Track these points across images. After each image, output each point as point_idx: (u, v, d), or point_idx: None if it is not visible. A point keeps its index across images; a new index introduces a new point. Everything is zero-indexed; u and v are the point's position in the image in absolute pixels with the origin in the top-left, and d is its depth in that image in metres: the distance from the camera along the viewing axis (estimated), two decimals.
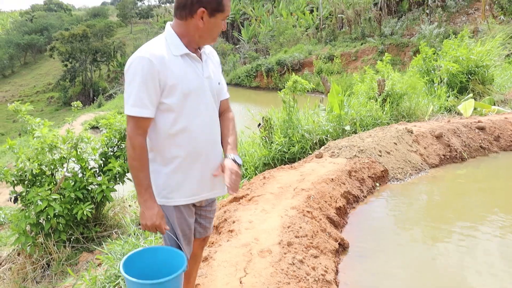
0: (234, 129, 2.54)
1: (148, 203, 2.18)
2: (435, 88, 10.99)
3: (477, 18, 23.48)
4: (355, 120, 8.08)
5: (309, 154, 6.97)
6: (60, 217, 5.25)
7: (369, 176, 5.78)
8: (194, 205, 2.41)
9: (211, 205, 2.57)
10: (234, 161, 2.32)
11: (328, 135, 7.60)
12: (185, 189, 2.30)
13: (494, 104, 10.71)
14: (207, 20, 2.16)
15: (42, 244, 5.38)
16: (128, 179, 6.10)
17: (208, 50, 2.44)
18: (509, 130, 8.07)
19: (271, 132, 7.35)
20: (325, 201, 4.65)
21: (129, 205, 7.13)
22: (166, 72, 2.13)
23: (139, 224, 5.94)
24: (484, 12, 22.75)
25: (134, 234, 4.89)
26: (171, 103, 2.17)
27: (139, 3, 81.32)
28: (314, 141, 7.33)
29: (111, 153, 5.99)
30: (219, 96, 2.45)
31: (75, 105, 6.62)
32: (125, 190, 7.24)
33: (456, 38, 12.40)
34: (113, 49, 55.67)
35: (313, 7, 37.11)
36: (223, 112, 2.52)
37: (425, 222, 5.01)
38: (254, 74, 30.01)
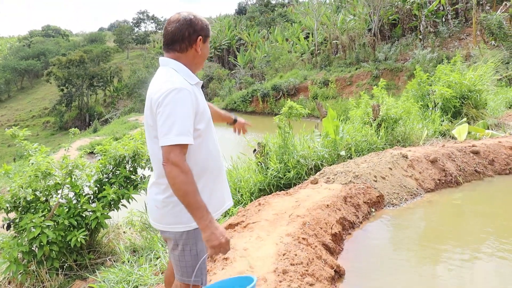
0: None
1: (213, 223, 2.19)
2: (430, 113, 11.08)
3: (469, 43, 23.83)
4: (350, 145, 8.10)
5: (305, 179, 6.96)
6: (54, 244, 5.19)
7: (364, 202, 5.76)
8: None
9: None
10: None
11: (324, 161, 7.60)
12: (216, 203, 2.47)
13: (488, 128, 10.79)
14: (202, 47, 2.38)
15: (34, 272, 5.30)
16: (123, 205, 6.06)
17: None
18: (503, 154, 8.10)
19: (267, 158, 7.35)
20: (321, 228, 4.62)
21: (124, 232, 7.07)
22: (196, 100, 2.29)
23: (134, 251, 5.90)
24: (475, 38, 23.10)
25: (128, 262, 4.85)
26: (201, 128, 2.33)
27: (136, 29, 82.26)
28: (310, 167, 7.33)
29: (106, 180, 5.96)
30: None
31: (72, 132, 6.61)
32: (119, 216, 7.19)
33: (449, 63, 12.58)
34: (109, 74, 56.04)
35: (308, 33, 37.59)
36: None
37: (421, 247, 4.97)
38: (250, 99, 30.19)
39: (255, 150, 7.66)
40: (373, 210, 5.83)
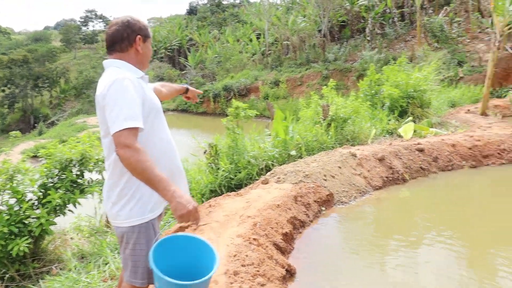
0: None
1: (178, 193, 2.16)
2: (378, 112, 11.38)
3: (414, 45, 24.66)
4: (300, 145, 8.17)
5: (256, 180, 6.96)
6: None
7: (314, 201, 5.83)
8: None
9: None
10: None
11: (274, 161, 7.63)
12: (157, 202, 2.43)
13: (432, 127, 11.20)
14: (143, 46, 2.45)
15: None
16: (69, 210, 5.85)
17: None
18: (446, 151, 8.42)
19: (217, 159, 7.29)
20: (272, 228, 4.62)
21: (71, 238, 6.83)
22: (142, 89, 2.34)
23: (82, 257, 5.71)
24: (419, 40, 23.94)
25: (75, 269, 4.69)
26: (149, 120, 2.36)
27: (84, 28, 79.92)
28: (261, 167, 7.33)
29: (51, 184, 5.73)
30: None
31: (14, 135, 6.32)
32: (66, 222, 6.95)
33: (395, 63, 12.98)
34: (56, 75, 54.09)
35: (259, 34, 37.76)
36: None
37: (371, 244, 5.08)
38: (201, 100, 29.96)
39: (205, 151, 7.59)
40: (323, 208, 5.90)
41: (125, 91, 2.21)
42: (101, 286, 4.08)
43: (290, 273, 4.14)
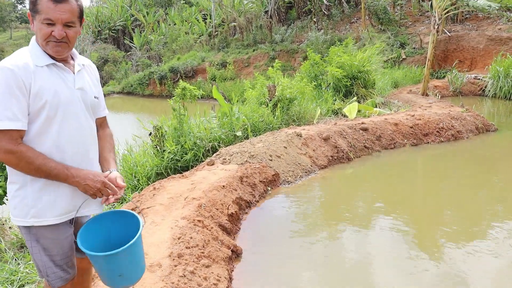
0: (112, 145, 2.49)
1: (80, 175, 2.07)
2: (323, 93, 11.53)
3: (359, 26, 25.05)
4: (246, 126, 8.16)
5: (202, 161, 6.90)
6: None
7: (260, 181, 5.84)
8: (71, 222, 2.26)
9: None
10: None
11: (221, 142, 7.59)
12: (58, 206, 2.14)
13: (376, 106, 11.48)
14: (34, 24, 2.08)
15: None
16: (7, 199, 5.57)
17: (87, 63, 2.36)
18: (389, 130, 8.66)
19: (163, 141, 7.16)
20: (217, 209, 4.60)
21: (10, 227, 6.54)
22: (30, 81, 1.99)
23: (22, 247, 5.47)
24: (364, 22, 24.33)
25: (13, 260, 4.49)
26: (36, 114, 2.04)
27: (20, 6, 75.88)
28: (207, 148, 7.27)
29: None
30: (95, 110, 2.34)
31: None
32: (4, 211, 6.64)
33: (341, 44, 13.15)
34: None
35: (205, 15, 37.23)
36: (99, 129, 2.43)
37: (317, 222, 5.15)
38: (147, 82, 29.30)
39: (150, 133, 7.44)
40: (269, 188, 5.93)
41: (3, 85, 1.94)
42: None
43: (236, 254, 4.13)
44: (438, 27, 13.25)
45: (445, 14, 13.38)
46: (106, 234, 2.30)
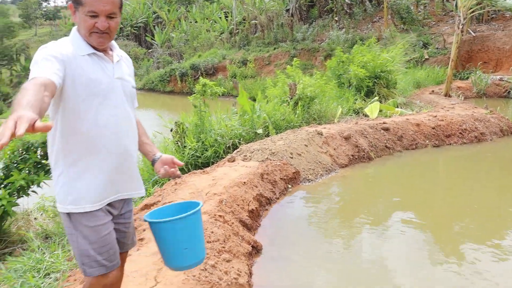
0: (146, 132, 2.54)
1: (17, 110, 1.50)
2: (344, 91, 11.49)
3: (381, 26, 24.84)
4: (267, 124, 8.18)
5: (223, 158, 6.95)
6: None
7: (281, 178, 5.86)
8: (110, 213, 2.25)
9: (124, 217, 2.38)
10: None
11: (241, 139, 7.62)
12: (93, 193, 2.14)
13: (397, 107, 11.39)
14: (76, 15, 2.09)
15: None
16: (33, 191, 5.71)
17: (124, 55, 2.38)
18: (410, 130, 8.60)
19: (184, 137, 7.23)
20: (238, 205, 4.63)
21: (35, 218, 6.69)
22: (72, 65, 2.01)
23: (46, 238, 5.60)
24: (386, 21, 24.13)
25: (39, 249, 4.60)
26: (77, 99, 2.05)
27: (45, 4, 77.06)
28: (227, 145, 7.31)
29: (14, 165, 5.58)
30: (133, 99, 2.37)
31: None
32: (29, 202, 6.80)
33: (363, 44, 13.07)
34: (15, 52, 52.11)
35: (227, 12, 37.32)
36: None
37: (336, 221, 5.15)
38: (168, 79, 29.51)
39: (172, 129, 7.52)
40: (289, 186, 5.94)
41: (42, 56, 1.93)
42: (66, 265, 4.01)
43: (256, 249, 4.16)
44: (462, 27, 13.08)
45: (470, 13, 13.19)
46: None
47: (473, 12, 13.36)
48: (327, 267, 4.08)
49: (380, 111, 10.43)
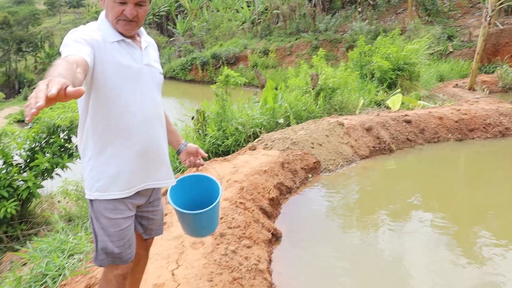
0: (169, 118, 2.51)
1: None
2: (366, 83, 11.41)
3: (405, 17, 24.51)
4: (288, 113, 8.18)
5: (243, 146, 6.99)
6: None
7: (301, 168, 5.87)
8: (134, 206, 2.21)
9: (153, 205, 2.36)
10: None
11: (262, 128, 7.65)
12: (120, 180, 2.10)
13: (420, 99, 11.27)
14: (105, 1, 2.07)
15: None
16: (57, 174, 5.84)
17: (151, 41, 2.34)
18: (432, 124, 8.50)
19: (205, 125, 7.29)
20: (258, 193, 4.67)
21: (58, 201, 6.85)
22: (101, 50, 1.98)
23: (69, 220, 5.73)
24: (411, 13, 23.79)
25: (63, 231, 4.70)
26: (106, 83, 2.02)
27: None
28: (248, 134, 7.35)
29: (39, 148, 5.71)
30: (161, 86, 2.32)
31: None
32: (53, 185, 6.94)
33: (386, 35, 12.93)
34: (40, 39, 52.81)
35: (249, 2, 37.22)
36: None
37: (356, 211, 5.15)
38: (189, 67, 29.66)
39: (193, 117, 7.58)
40: (310, 175, 5.95)
41: (71, 38, 1.89)
42: (89, 247, 4.10)
43: (276, 237, 4.20)
44: (490, 19, 12.82)
45: (498, 5, 12.92)
46: (187, 196, 2.50)
47: (501, 3, 13.08)
48: (344, 258, 4.10)
49: (402, 103, 10.34)
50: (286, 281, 3.62)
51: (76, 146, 5.85)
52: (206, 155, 2.35)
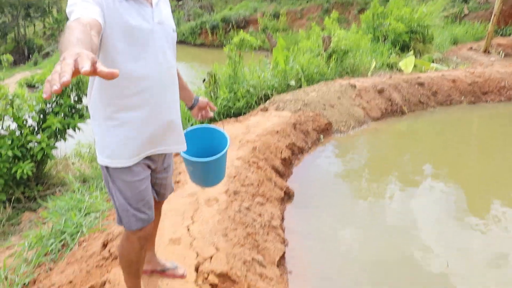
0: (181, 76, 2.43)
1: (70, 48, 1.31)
2: (379, 46, 11.25)
3: None
4: (300, 76, 8.13)
5: (254, 109, 6.99)
6: None
7: (313, 129, 5.89)
8: (149, 167, 2.16)
9: (167, 171, 2.33)
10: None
11: (274, 90, 7.63)
12: (129, 148, 2.03)
13: (433, 62, 11.10)
14: None
15: None
16: (69, 135, 5.91)
17: None
18: (445, 86, 8.41)
19: (216, 88, 7.28)
20: (271, 152, 4.70)
21: (73, 163, 6.94)
22: (110, 11, 1.87)
23: (84, 181, 5.83)
24: None
25: (79, 190, 4.80)
26: (114, 47, 1.91)
27: None
28: (260, 96, 7.34)
29: (50, 110, 5.76)
30: (174, 44, 2.20)
31: (5, 59, 6.27)
32: (67, 148, 7.04)
33: None
34: (48, 4, 52.38)
35: None
36: None
37: (366, 173, 5.18)
38: (199, 31, 29.33)
39: (204, 79, 7.56)
40: (321, 136, 5.97)
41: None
42: (105, 206, 4.18)
43: (288, 196, 4.26)
44: None
45: None
46: (195, 147, 2.51)
47: None
48: (353, 219, 4.15)
49: (415, 66, 10.21)
50: (298, 239, 3.69)
51: (86, 106, 5.91)
52: (216, 108, 2.34)
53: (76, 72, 1.15)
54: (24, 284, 3.12)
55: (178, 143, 2.22)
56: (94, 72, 1.16)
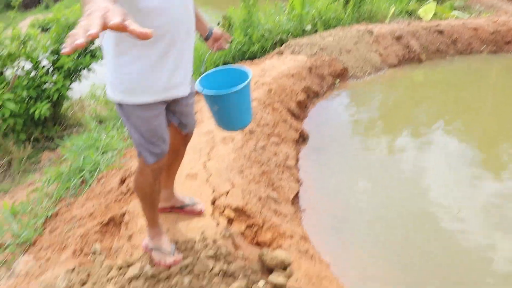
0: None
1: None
2: None
3: None
4: (316, 21, 7.96)
5: (269, 53, 6.92)
6: (17, 117, 5.14)
7: (329, 73, 5.83)
8: (165, 101, 2.12)
9: (187, 99, 2.26)
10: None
11: (289, 35, 7.50)
12: (145, 84, 1.99)
13: (454, 10, 10.77)
14: None
15: (0, 145, 5.26)
16: (83, 77, 5.94)
17: None
18: (466, 34, 8.18)
19: (231, 31, 7.19)
20: (286, 95, 4.69)
21: (88, 105, 7.01)
22: None
23: (100, 122, 5.89)
24: None
25: (95, 130, 4.86)
26: None
27: None
28: (275, 41, 7.23)
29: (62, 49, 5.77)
30: None
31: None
32: (82, 90, 7.07)
33: None
34: None
35: None
36: None
37: (380, 121, 5.14)
38: None
39: (219, 23, 7.46)
40: (337, 81, 5.92)
41: None
42: (122, 144, 4.24)
43: (303, 138, 4.28)
44: None
45: None
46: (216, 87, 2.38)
47: None
48: (367, 164, 4.15)
49: (435, 14, 9.90)
50: (312, 180, 3.73)
51: (99, 47, 5.91)
52: (232, 37, 2.27)
53: (104, 26, 1.05)
54: (47, 216, 3.24)
55: (187, 83, 2.16)
56: (124, 28, 1.07)
